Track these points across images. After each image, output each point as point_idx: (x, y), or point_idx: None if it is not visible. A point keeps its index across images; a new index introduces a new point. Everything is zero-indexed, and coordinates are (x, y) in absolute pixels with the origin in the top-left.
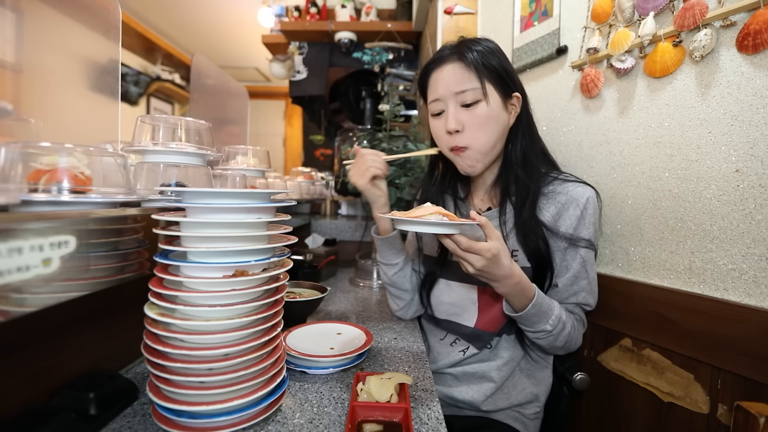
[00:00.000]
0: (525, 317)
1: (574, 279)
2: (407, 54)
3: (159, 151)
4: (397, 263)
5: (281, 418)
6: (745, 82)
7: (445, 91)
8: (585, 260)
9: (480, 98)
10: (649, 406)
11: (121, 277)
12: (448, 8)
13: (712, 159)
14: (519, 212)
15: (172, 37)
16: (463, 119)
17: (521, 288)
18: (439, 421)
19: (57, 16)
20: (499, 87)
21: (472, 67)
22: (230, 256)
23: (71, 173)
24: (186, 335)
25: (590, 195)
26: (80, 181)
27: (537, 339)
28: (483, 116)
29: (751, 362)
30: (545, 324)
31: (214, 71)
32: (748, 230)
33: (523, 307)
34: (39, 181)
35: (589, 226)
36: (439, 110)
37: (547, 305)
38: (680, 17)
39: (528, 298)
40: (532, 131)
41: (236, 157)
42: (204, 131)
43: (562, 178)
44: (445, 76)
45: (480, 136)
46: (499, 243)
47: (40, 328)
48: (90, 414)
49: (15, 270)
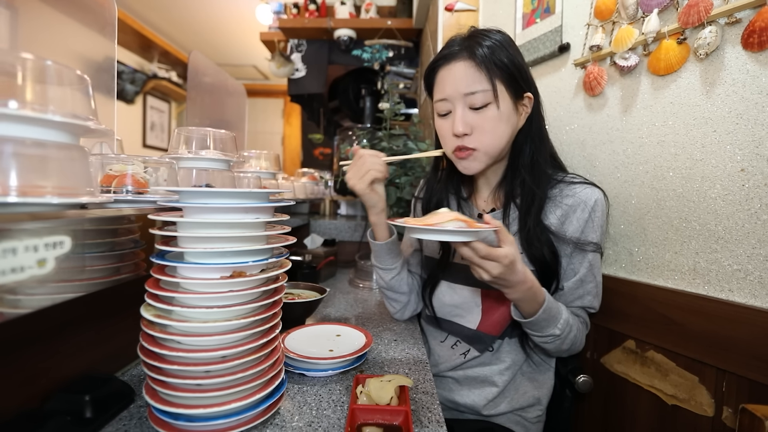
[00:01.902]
0: (535, 322)
1: (581, 283)
2: (407, 52)
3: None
4: (395, 267)
5: (280, 422)
6: (751, 80)
7: (453, 92)
8: (592, 264)
9: (490, 101)
10: (653, 408)
11: (117, 278)
12: (449, 5)
13: (717, 158)
14: (524, 218)
15: (169, 35)
16: (471, 122)
17: (533, 293)
18: (440, 424)
19: (52, 13)
20: (511, 87)
21: (483, 67)
22: (228, 256)
23: (134, 178)
24: (183, 337)
25: (598, 197)
26: (140, 184)
27: (544, 343)
28: (493, 119)
29: (757, 364)
30: (554, 328)
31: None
32: (753, 230)
33: (533, 312)
34: (111, 184)
35: (597, 229)
36: (446, 111)
37: (555, 309)
38: (684, 14)
39: (539, 303)
40: (542, 134)
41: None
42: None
43: (568, 180)
44: (453, 74)
45: (488, 139)
46: (514, 248)
47: (35, 330)
48: (85, 417)
49: (9, 271)
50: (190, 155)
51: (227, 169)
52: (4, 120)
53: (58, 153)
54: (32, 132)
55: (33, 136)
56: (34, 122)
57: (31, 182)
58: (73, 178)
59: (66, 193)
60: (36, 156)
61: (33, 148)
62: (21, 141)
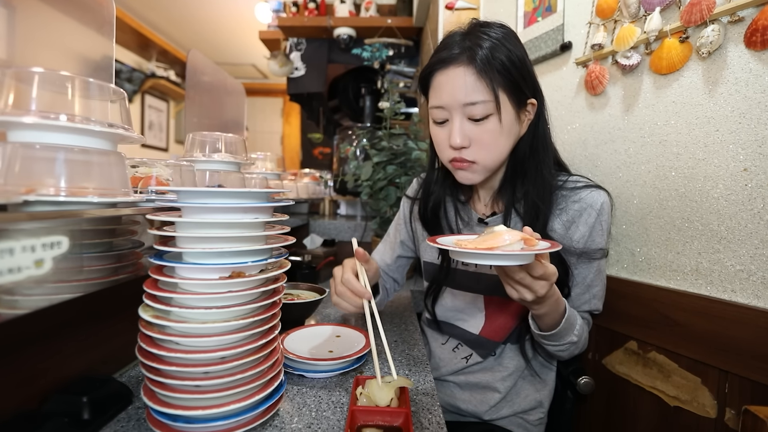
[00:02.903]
0: (557, 334)
1: (587, 288)
2: (408, 50)
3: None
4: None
5: (279, 423)
6: (754, 78)
7: (451, 100)
8: (599, 269)
9: (491, 112)
10: (655, 410)
11: (115, 279)
12: (449, 3)
13: (720, 158)
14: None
15: (167, 33)
16: (470, 134)
17: (557, 305)
18: (441, 426)
19: (49, 11)
20: (514, 95)
21: (484, 75)
22: (226, 257)
23: (159, 180)
24: (181, 338)
25: (604, 200)
26: (164, 185)
27: (560, 351)
28: (493, 133)
29: (760, 365)
30: (571, 335)
31: (210, 68)
32: (756, 230)
33: (555, 323)
34: (137, 185)
35: (603, 233)
36: (443, 119)
37: (573, 316)
38: (687, 13)
39: (560, 314)
40: (546, 143)
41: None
42: (239, 143)
43: (571, 184)
44: (452, 82)
45: (488, 153)
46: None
47: (32, 331)
48: (83, 419)
49: (6, 271)
50: (204, 158)
51: (238, 170)
52: (55, 131)
53: (99, 158)
54: (79, 141)
55: (79, 144)
56: (80, 132)
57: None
58: (112, 180)
59: (105, 194)
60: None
61: (79, 155)
62: (70, 148)
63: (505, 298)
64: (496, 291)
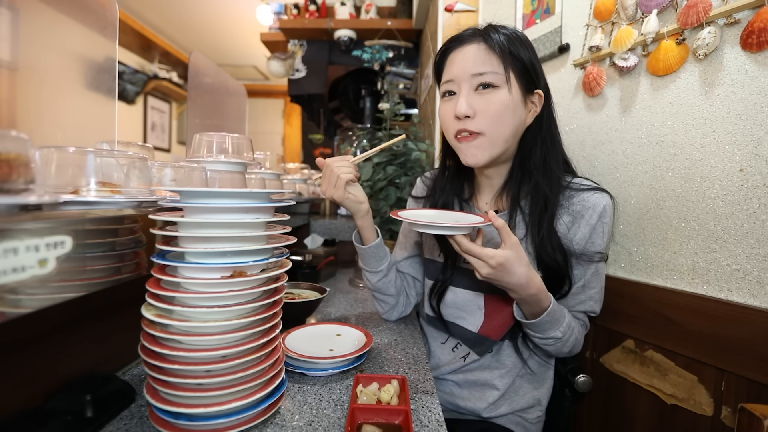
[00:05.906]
0: (537, 324)
1: (583, 288)
2: (407, 52)
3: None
4: (381, 270)
5: (280, 421)
6: (750, 80)
7: (460, 71)
8: (598, 271)
9: (500, 84)
10: (653, 408)
11: (117, 278)
12: (448, 6)
13: (716, 158)
14: (535, 223)
15: (170, 35)
16: (475, 104)
17: (537, 299)
18: (440, 424)
19: (53, 13)
20: (522, 79)
21: (497, 50)
22: (228, 256)
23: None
24: (183, 337)
25: (607, 203)
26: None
27: (545, 345)
28: (499, 104)
29: (756, 364)
30: (555, 331)
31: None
32: (752, 230)
33: (535, 315)
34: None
35: (604, 236)
36: (450, 91)
37: (559, 313)
38: (683, 15)
39: (542, 308)
40: (554, 137)
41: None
42: (244, 143)
43: (575, 186)
44: (464, 55)
45: (493, 124)
46: (512, 251)
47: (36, 330)
48: (86, 416)
49: (10, 271)
50: (211, 159)
51: (244, 171)
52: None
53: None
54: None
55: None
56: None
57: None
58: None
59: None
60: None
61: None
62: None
63: (505, 297)
64: (496, 290)
